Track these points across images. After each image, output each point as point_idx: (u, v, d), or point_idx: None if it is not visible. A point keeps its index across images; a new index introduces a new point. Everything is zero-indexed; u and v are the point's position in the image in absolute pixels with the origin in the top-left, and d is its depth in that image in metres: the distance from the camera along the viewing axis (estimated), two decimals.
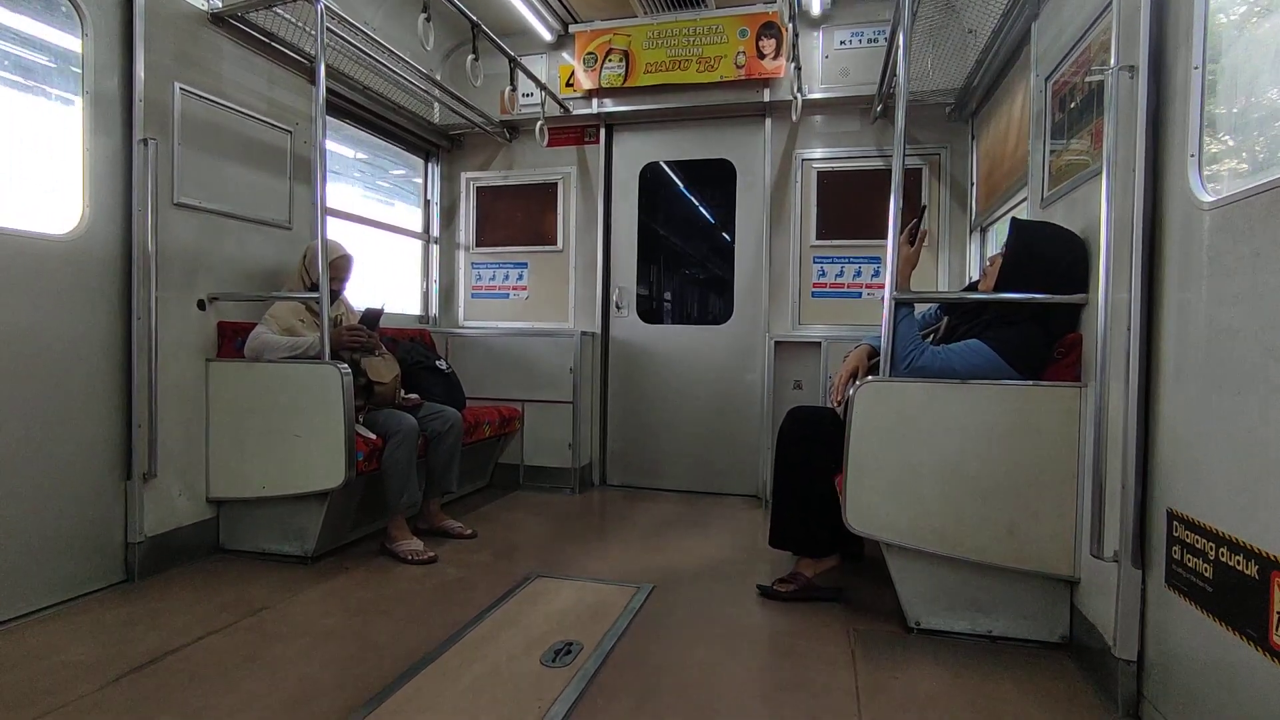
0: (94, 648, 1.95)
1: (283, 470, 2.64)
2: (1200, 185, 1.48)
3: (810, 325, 3.91)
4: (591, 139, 4.25)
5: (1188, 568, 1.47)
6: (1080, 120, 2.05)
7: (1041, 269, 2.03)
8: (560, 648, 1.98)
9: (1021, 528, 2.01)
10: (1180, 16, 1.56)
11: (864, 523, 2.13)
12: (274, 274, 3.03)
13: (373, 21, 3.49)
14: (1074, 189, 2.08)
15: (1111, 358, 1.73)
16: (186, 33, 2.63)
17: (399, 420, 2.83)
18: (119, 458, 2.43)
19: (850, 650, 2.03)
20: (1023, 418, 2.01)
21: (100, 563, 2.38)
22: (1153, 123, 1.62)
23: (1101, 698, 1.76)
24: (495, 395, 4.06)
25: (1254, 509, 1.27)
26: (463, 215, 4.48)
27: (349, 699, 1.70)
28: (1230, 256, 1.35)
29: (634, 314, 4.26)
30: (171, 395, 2.56)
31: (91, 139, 2.32)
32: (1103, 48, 1.89)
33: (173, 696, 1.70)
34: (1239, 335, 1.32)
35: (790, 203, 3.95)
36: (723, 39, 3.82)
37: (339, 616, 2.22)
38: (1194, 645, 1.45)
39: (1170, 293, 1.58)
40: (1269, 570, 1.21)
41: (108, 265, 2.38)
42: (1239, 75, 1.56)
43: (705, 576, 2.65)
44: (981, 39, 2.88)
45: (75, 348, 2.29)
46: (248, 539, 2.77)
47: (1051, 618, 2.06)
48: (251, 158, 2.93)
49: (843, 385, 2.39)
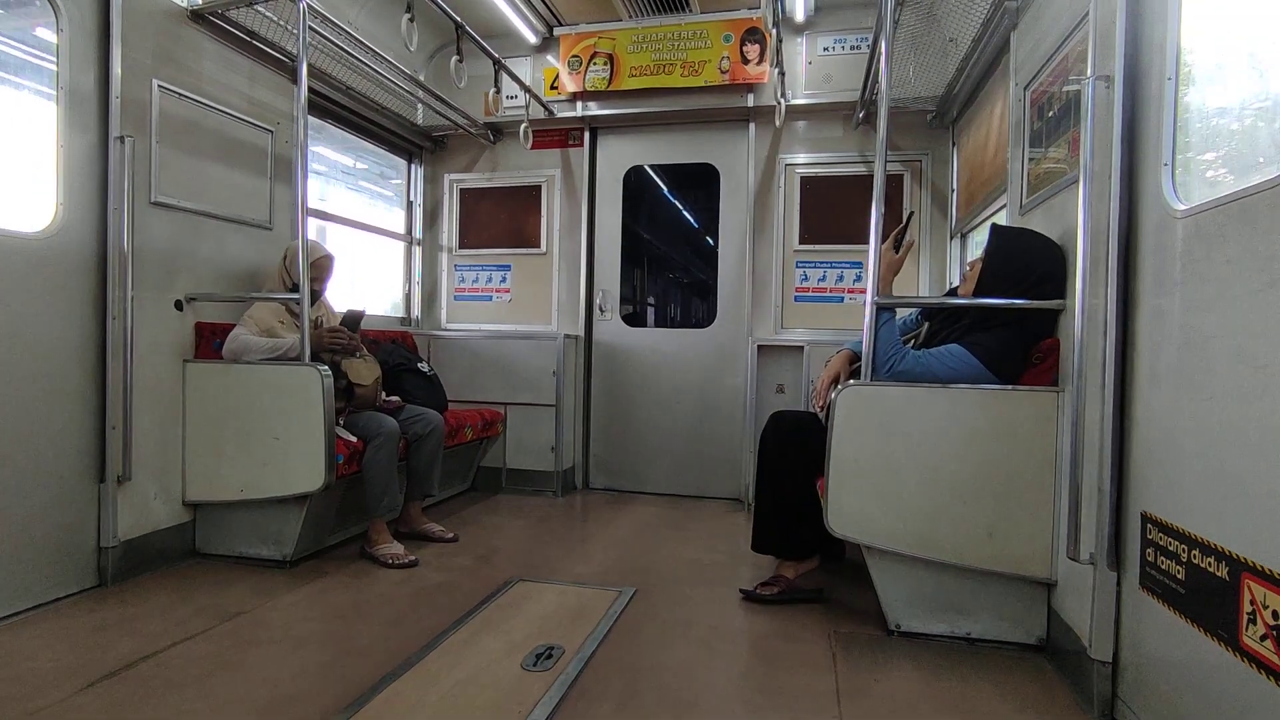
0: (65, 654, 1.91)
1: (261, 473, 2.60)
2: (1173, 193, 1.51)
3: (793, 329, 3.93)
4: (575, 142, 4.24)
5: (1161, 570, 1.49)
6: (1058, 129, 2.08)
7: (1020, 275, 2.06)
8: (541, 652, 1.97)
9: (1000, 531, 2.03)
10: (1154, 28, 1.60)
11: (845, 526, 2.15)
12: (253, 274, 2.99)
13: (355, 21, 3.47)
14: (1052, 196, 2.11)
15: (1088, 362, 1.75)
16: (166, 30, 2.59)
17: (380, 423, 2.81)
18: (92, 460, 2.39)
19: (831, 653, 2.04)
20: (1001, 422, 2.03)
21: (72, 567, 2.33)
22: (1128, 131, 1.65)
23: (1077, 699, 1.78)
24: (477, 398, 4.04)
25: (1225, 511, 1.29)
26: (445, 217, 4.45)
27: (327, 704, 1.68)
28: (1203, 263, 1.38)
29: (617, 317, 4.26)
30: (147, 397, 2.51)
31: (67, 136, 2.28)
32: (1079, 58, 1.92)
33: (146, 703, 1.67)
34: (1211, 340, 1.35)
35: (773, 207, 3.97)
36: (707, 44, 3.84)
37: (318, 621, 2.19)
38: (1167, 646, 1.47)
39: (1145, 299, 1.60)
40: (1239, 572, 1.23)
41: (82, 264, 2.34)
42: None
43: (687, 580, 2.65)
44: (962, 48, 2.92)
45: (48, 348, 2.25)
46: (225, 543, 2.73)
47: (1029, 620, 2.08)
48: (232, 157, 2.90)
49: (825, 389, 2.41)
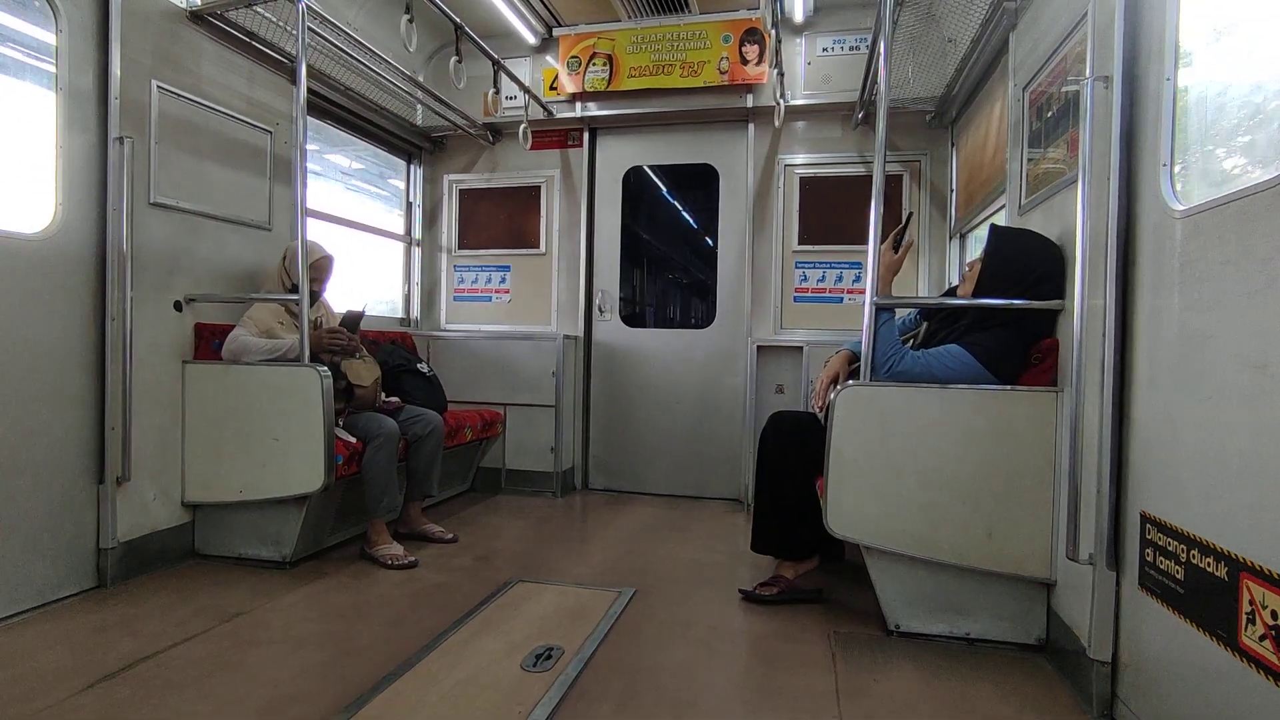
0: (65, 655, 1.91)
1: (261, 474, 2.60)
2: (1172, 193, 1.51)
3: (792, 330, 3.93)
4: (575, 142, 4.24)
5: (1160, 570, 1.49)
6: (1057, 129, 2.08)
7: (1019, 275, 2.06)
8: (541, 652, 1.97)
9: (999, 531, 2.03)
10: (1153, 29, 1.60)
11: (845, 526, 2.15)
12: (253, 275, 2.99)
13: (355, 22, 3.47)
14: (1051, 196, 2.11)
15: (1087, 363, 1.75)
16: (165, 30, 2.59)
17: (379, 423, 2.81)
18: (92, 461, 2.39)
19: (831, 653, 2.04)
20: (1000, 422, 2.04)
21: (72, 568, 2.33)
22: (1127, 132, 1.65)
23: (1077, 699, 1.78)
24: (477, 399, 4.04)
25: (1224, 511, 1.29)
26: (445, 217, 4.45)
27: (327, 705, 1.68)
28: (1201, 263, 1.38)
29: (617, 317, 4.26)
30: (146, 398, 2.51)
31: (66, 136, 2.28)
32: (1078, 58, 1.92)
33: (146, 704, 1.67)
34: (1210, 341, 1.35)
35: (772, 208, 3.97)
36: (706, 44, 3.84)
37: (317, 622, 2.19)
38: (1166, 646, 1.48)
39: (1144, 299, 1.60)
40: (1238, 571, 1.23)
41: (81, 265, 2.34)
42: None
43: (687, 580, 2.65)
44: (961, 48, 2.92)
45: (47, 349, 2.25)
46: (224, 544, 2.73)
47: (1029, 620, 2.08)
48: (231, 158, 2.90)
49: (824, 390, 2.41)
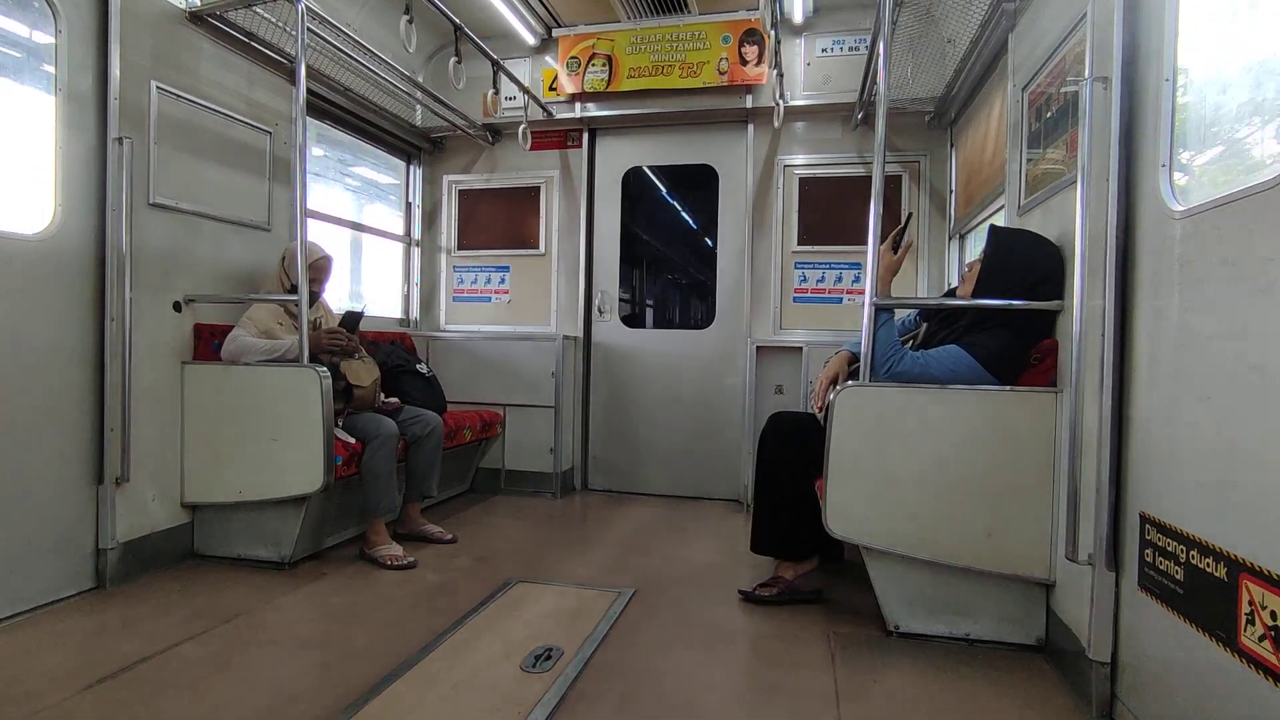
0: (64, 656, 1.91)
1: (260, 475, 2.60)
2: (1171, 194, 1.51)
3: (791, 330, 3.93)
4: (574, 143, 4.24)
5: (1159, 570, 1.49)
6: (1056, 130, 2.08)
7: (1018, 276, 2.06)
8: (540, 653, 1.97)
9: (999, 531, 2.03)
10: (1151, 30, 1.60)
11: (844, 527, 2.15)
12: (252, 276, 2.99)
13: (354, 22, 3.46)
14: (1050, 197, 2.11)
15: (1086, 363, 1.75)
16: (164, 31, 2.59)
17: (379, 424, 2.81)
18: (91, 462, 2.38)
19: (830, 654, 2.04)
20: (1000, 423, 2.04)
21: (71, 569, 2.33)
22: (1126, 133, 1.65)
23: (1076, 699, 1.78)
24: (476, 399, 4.04)
25: (1223, 512, 1.29)
26: (444, 218, 4.45)
27: (326, 706, 1.68)
28: (1200, 264, 1.38)
29: (616, 318, 4.26)
30: (146, 398, 2.51)
31: (65, 137, 2.28)
32: (1077, 59, 1.92)
33: (145, 705, 1.67)
34: (1209, 341, 1.35)
35: (772, 208, 3.97)
36: (706, 45, 3.84)
37: (316, 622, 2.19)
38: (1166, 647, 1.47)
39: (1144, 299, 1.60)
40: (1237, 572, 1.23)
41: (81, 266, 2.34)
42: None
43: (686, 581, 2.65)
44: (960, 49, 2.92)
45: (46, 349, 2.24)
46: (223, 544, 2.72)
47: (1028, 621, 2.08)
48: (230, 158, 2.90)
49: (823, 390, 2.41)
